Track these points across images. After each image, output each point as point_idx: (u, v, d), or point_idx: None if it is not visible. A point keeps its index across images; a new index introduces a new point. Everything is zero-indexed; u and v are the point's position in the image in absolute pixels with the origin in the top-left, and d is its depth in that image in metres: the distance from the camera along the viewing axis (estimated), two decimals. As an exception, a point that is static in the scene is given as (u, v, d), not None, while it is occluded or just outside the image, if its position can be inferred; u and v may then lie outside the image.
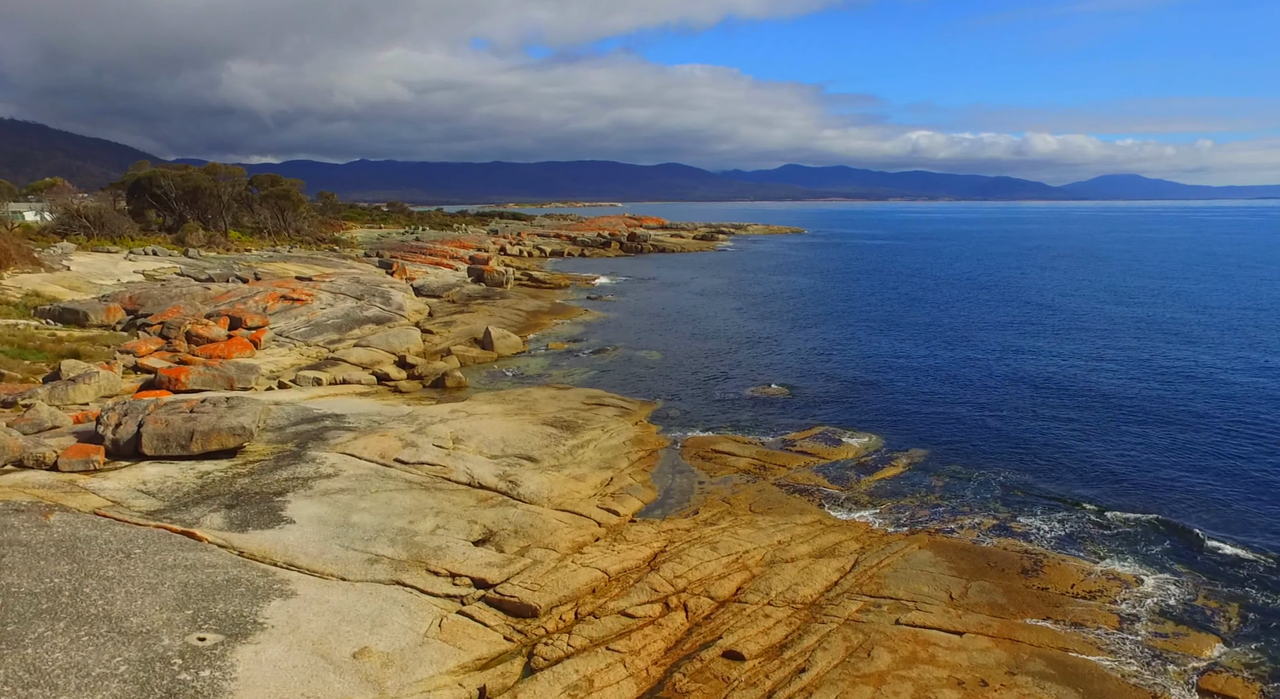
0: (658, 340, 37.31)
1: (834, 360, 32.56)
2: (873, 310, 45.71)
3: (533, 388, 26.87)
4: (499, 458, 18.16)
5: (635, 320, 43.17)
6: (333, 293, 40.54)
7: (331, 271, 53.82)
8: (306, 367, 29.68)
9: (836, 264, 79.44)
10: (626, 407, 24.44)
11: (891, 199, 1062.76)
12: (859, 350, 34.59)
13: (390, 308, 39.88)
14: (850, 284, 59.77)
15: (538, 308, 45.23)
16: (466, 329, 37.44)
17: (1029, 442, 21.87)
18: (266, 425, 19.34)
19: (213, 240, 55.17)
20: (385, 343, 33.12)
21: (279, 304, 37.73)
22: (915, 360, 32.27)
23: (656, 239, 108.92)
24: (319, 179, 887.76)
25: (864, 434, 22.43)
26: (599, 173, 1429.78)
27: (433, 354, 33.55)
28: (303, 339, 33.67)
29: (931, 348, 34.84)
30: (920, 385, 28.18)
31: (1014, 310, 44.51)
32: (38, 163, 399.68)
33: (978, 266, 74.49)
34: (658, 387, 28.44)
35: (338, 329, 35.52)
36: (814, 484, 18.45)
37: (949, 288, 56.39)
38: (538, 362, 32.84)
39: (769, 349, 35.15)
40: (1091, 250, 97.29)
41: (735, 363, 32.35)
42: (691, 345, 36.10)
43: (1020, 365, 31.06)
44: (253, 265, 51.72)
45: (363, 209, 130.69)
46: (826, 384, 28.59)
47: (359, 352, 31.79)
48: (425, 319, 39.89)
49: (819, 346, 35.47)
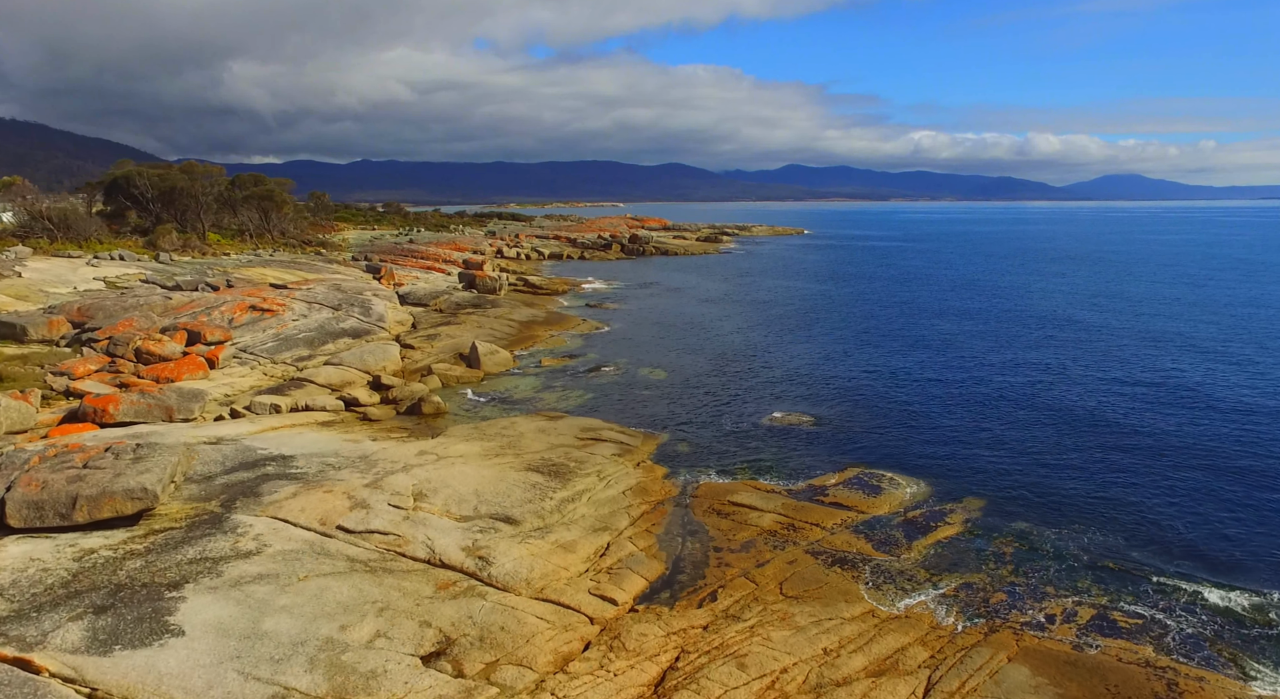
0: (662, 355, 33.92)
1: (859, 381, 29.13)
2: (894, 322, 42.25)
3: (520, 417, 23.46)
4: (470, 520, 14.77)
5: (637, 332, 39.78)
6: (307, 302, 37.16)
7: (314, 277, 50.51)
8: (267, 389, 26.30)
9: (847, 268, 76.01)
10: (627, 441, 21.05)
11: (893, 199, 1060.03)
12: (885, 368, 31.15)
13: (370, 319, 36.50)
14: (865, 290, 56.31)
15: (531, 317, 41.84)
16: (452, 343, 34.04)
17: (1104, 491, 18.45)
18: (191, 475, 15.96)
19: (188, 243, 51.80)
20: (359, 360, 29.74)
21: (246, 315, 34.36)
22: (950, 382, 28.82)
23: (659, 241, 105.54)
24: (321, 179, 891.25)
25: (906, 478, 19.03)
26: (601, 173, 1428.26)
27: (412, 373, 30.17)
28: (269, 355, 30.30)
29: (966, 367, 31.41)
30: (961, 414, 24.75)
31: (1050, 325, 40.78)
32: (38, 163, 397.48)
33: (996, 272, 71.02)
34: (663, 413, 25.05)
35: (309, 343, 32.15)
36: (856, 551, 15.04)
37: (972, 296, 52.91)
38: (528, 381, 29.45)
39: (785, 366, 31.73)
40: (1112, 255, 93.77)
41: (749, 383, 28.95)
42: (699, 361, 32.70)
43: (1071, 391, 27.60)
44: (228, 271, 48.39)
45: (357, 210, 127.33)
46: (854, 411, 25.17)
47: (329, 371, 28.42)
48: (408, 331, 36.50)
49: (841, 364, 32.04)
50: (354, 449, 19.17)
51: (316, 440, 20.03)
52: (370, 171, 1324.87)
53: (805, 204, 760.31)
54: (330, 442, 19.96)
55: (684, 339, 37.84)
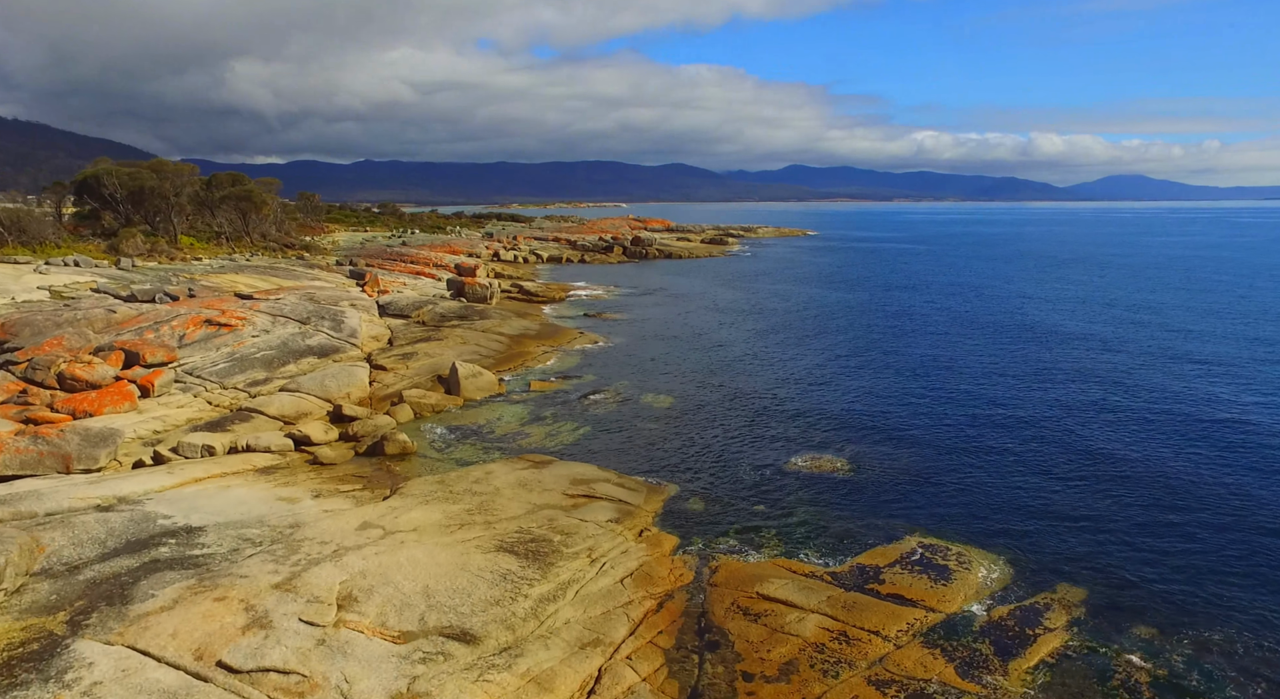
0: (667, 376, 30.02)
1: (897, 414, 25.18)
2: (924, 338, 38.23)
3: (498, 462, 19.53)
4: (412, 639, 10.86)
5: (639, 347, 35.86)
6: (272, 315, 33.28)
7: (289, 285, 46.66)
8: (205, 424, 22.43)
9: (861, 273, 72.00)
10: (627, 498, 17.16)
11: (896, 200, 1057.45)
12: (925, 398, 27.21)
13: (340, 334, 32.62)
14: (886, 300, 52.30)
15: (523, 330, 37.94)
16: (430, 363, 30.15)
17: (1235, 573, 14.54)
18: (48, 567, 12.10)
19: (155, 248, 47.94)
20: (320, 386, 25.86)
21: (200, 331, 30.49)
22: (1004, 419, 24.82)
23: (662, 243, 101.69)
24: (324, 179, 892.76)
25: (977, 553, 15.11)
26: (603, 173, 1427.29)
27: (381, 400, 26.29)
28: (219, 379, 26.44)
29: (1018, 400, 27.44)
30: (1025, 460, 20.81)
31: (1107, 349, 36.43)
32: (40, 163, 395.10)
33: (1020, 279, 66.99)
34: (670, 454, 21.16)
35: (267, 364, 28.28)
36: (936, 678, 11.14)
37: (1002, 309, 48.87)
38: (514, 411, 25.55)
39: (809, 391, 27.80)
40: (1131, 259, 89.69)
41: (768, 412, 25.02)
42: (711, 386, 28.79)
43: (1159, 436, 23.65)
44: (195, 278, 44.56)
45: (352, 211, 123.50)
46: (896, 453, 21.25)
47: (283, 399, 24.55)
48: (382, 349, 32.60)
49: (873, 390, 28.08)
50: (285, 514, 15.28)
51: (243, 500, 16.14)
52: (373, 172, 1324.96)
53: (808, 204, 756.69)
54: (260, 502, 16.08)
55: (691, 356, 33.93)
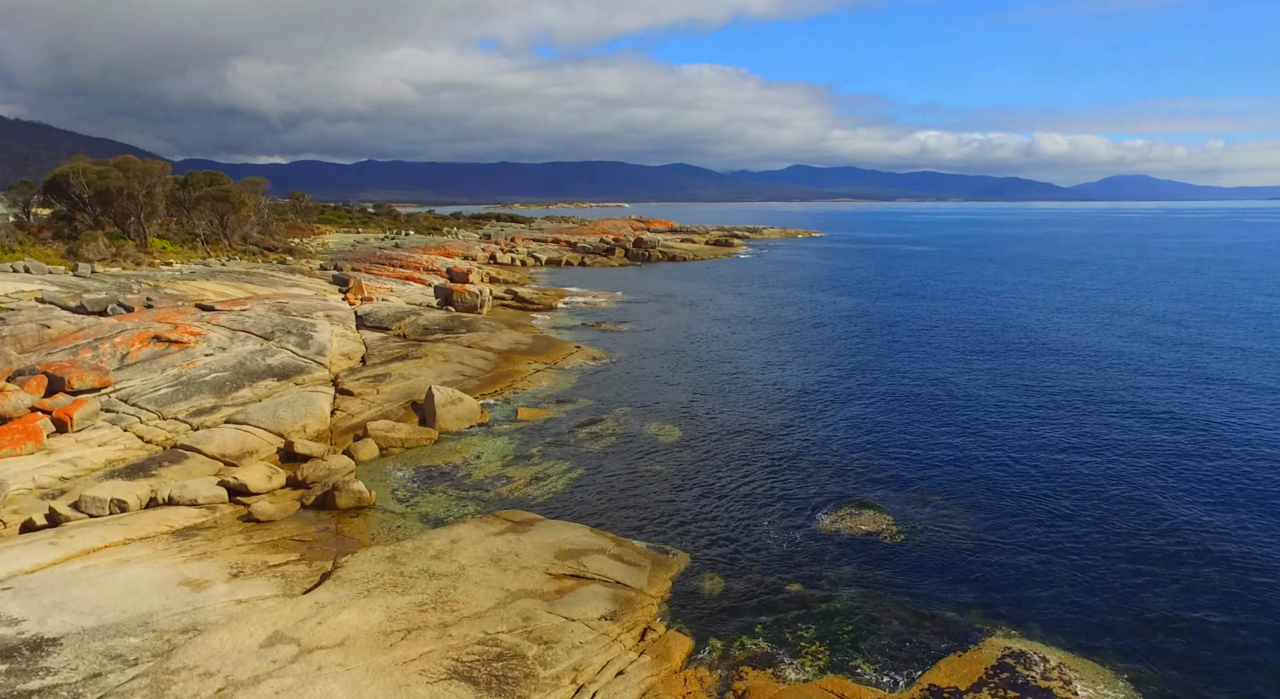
0: (674, 403, 26.44)
1: (944, 453, 21.57)
2: (965, 359, 34.54)
3: (468, 525, 15.92)
4: None
5: (642, 365, 32.28)
6: (232, 330, 29.76)
7: (265, 293, 43.14)
8: (125, 468, 18.87)
9: (878, 277, 68.32)
10: (627, 579, 13.60)
11: (900, 200, 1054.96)
12: (975, 432, 23.60)
13: (307, 352, 29.08)
14: (910, 310, 48.61)
15: (514, 344, 34.37)
16: (404, 386, 26.59)
17: None
18: None
19: (121, 252, 44.44)
20: (272, 417, 22.31)
21: (146, 349, 26.97)
22: (1084, 466, 21.15)
23: (666, 245, 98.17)
24: (327, 179, 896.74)
25: (1086, 666, 11.53)
26: (606, 173, 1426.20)
27: (344, 433, 22.76)
28: (157, 408, 22.88)
29: (1092, 436, 23.81)
30: (1119, 522, 17.22)
31: (1179, 376, 32.37)
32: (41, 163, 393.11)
33: (1047, 286, 63.30)
34: (679, 506, 17.60)
35: (218, 389, 24.73)
36: None
37: (1040, 321, 45.17)
38: (497, 447, 21.99)
39: (838, 425, 24.20)
40: (1164, 261, 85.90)
41: (792, 451, 21.43)
42: (722, 414, 25.20)
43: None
44: (160, 285, 41.03)
45: (346, 211, 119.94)
46: (949, 507, 17.67)
47: (226, 434, 21.01)
48: (353, 369, 29.04)
49: (913, 424, 24.44)
50: (182, 610, 11.76)
51: (134, 587, 12.60)
52: (375, 172, 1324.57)
53: (812, 204, 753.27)
54: (155, 589, 12.54)
55: (700, 376, 30.34)
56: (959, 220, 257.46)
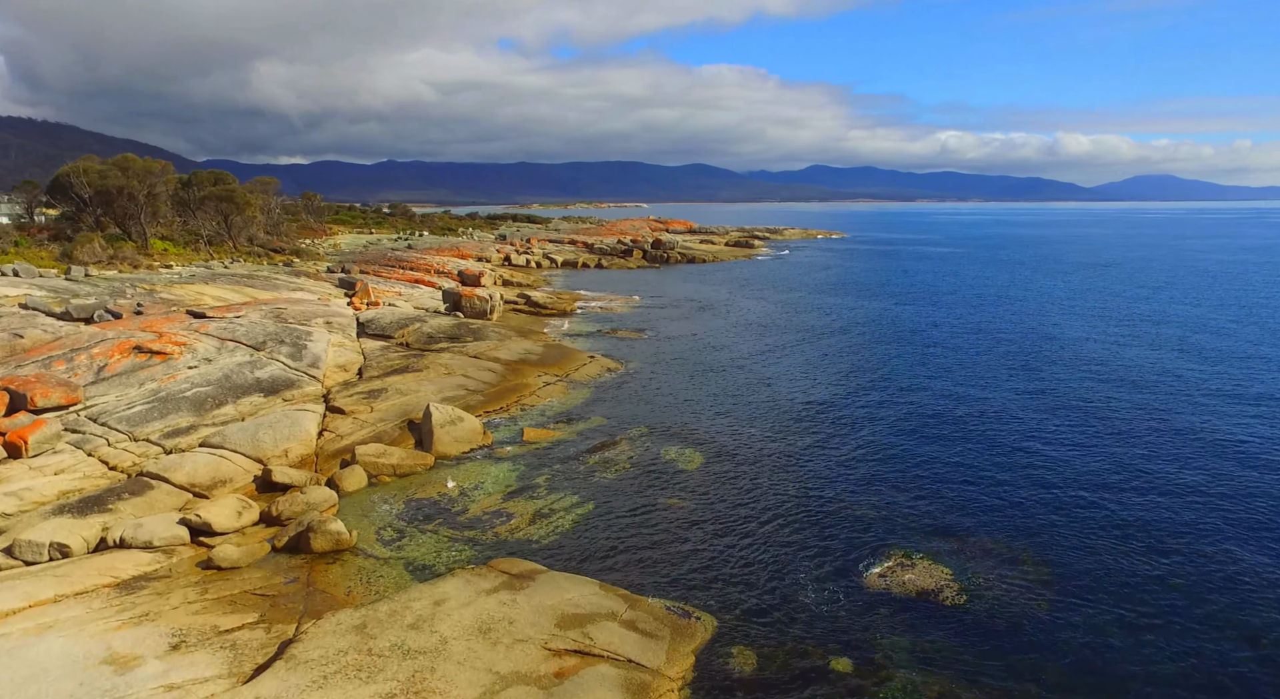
0: (696, 423, 24.13)
1: (995, 480, 19.15)
2: (1006, 372, 32.02)
3: (456, 578, 13.70)
4: None
5: (661, 379, 30.00)
6: (221, 339, 27.78)
7: (265, 297, 41.28)
8: (79, 501, 16.79)
9: (906, 280, 65.62)
10: (641, 657, 11.35)
11: (920, 200, 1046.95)
12: (1021, 452, 21.17)
13: (299, 364, 27.02)
14: (944, 315, 45.99)
15: (524, 354, 32.19)
16: (400, 403, 24.45)
17: None
18: None
19: (118, 255, 42.68)
20: (251, 440, 20.21)
21: (126, 360, 25.01)
22: (1153, 491, 18.77)
23: (684, 246, 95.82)
24: (347, 180, 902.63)
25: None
26: (624, 173, 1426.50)
27: (330, 457, 20.63)
28: (129, 428, 20.86)
29: (1154, 455, 21.35)
30: (1198, 560, 14.80)
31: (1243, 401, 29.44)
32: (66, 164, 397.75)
33: (1086, 290, 60.48)
34: (703, 554, 15.31)
35: (198, 406, 22.69)
36: None
37: (1089, 330, 42.54)
38: (499, 475, 19.79)
39: (876, 448, 21.80)
40: (1219, 264, 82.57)
41: (829, 485, 19.08)
42: (748, 437, 22.87)
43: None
44: (155, 289, 39.22)
45: (360, 212, 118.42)
46: (1013, 549, 15.29)
47: (199, 461, 18.92)
48: (348, 382, 26.92)
49: (958, 447, 22.02)
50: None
51: (41, 667, 10.49)
52: (395, 172, 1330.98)
53: (831, 205, 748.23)
54: (66, 675, 10.41)
55: (723, 392, 28.01)
56: (982, 221, 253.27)
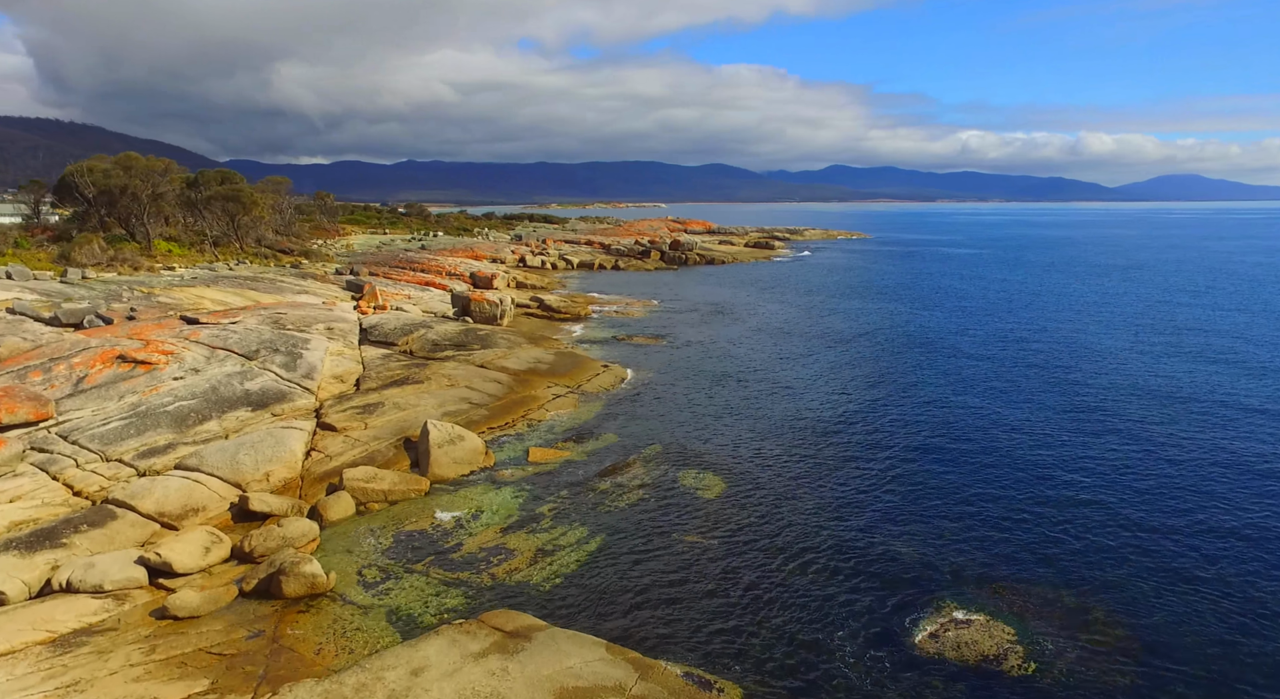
0: (715, 443, 22.21)
1: (1054, 518, 17.11)
2: (1054, 388, 29.87)
3: (440, 638, 11.86)
4: None
5: (679, 391, 28.12)
6: (212, 348, 26.17)
7: (269, 301, 39.79)
8: (30, 535, 15.11)
9: (935, 284, 63.30)
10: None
11: (940, 201, 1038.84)
12: (1080, 483, 19.11)
13: (293, 375, 25.34)
14: (980, 324, 43.76)
15: (534, 363, 30.41)
16: (397, 418, 22.71)
17: None
18: None
19: (118, 256, 41.30)
20: (230, 461, 18.50)
21: (109, 370, 23.46)
22: (1233, 535, 16.71)
23: (703, 248, 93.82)
24: (368, 180, 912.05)
25: None
26: (643, 173, 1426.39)
27: (317, 481, 18.89)
28: (102, 446, 19.22)
29: (1233, 491, 19.24)
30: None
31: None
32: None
33: (1132, 293, 58.03)
34: (725, 604, 13.42)
35: (179, 421, 21.03)
36: None
37: (1137, 341, 40.29)
38: (500, 502, 17.98)
39: (918, 476, 19.80)
40: (1256, 268, 79.71)
41: (866, 519, 17.11)
42: (775, 458, 20.93)
43: None
44: (153, 292, 37.78)
45: (375, 212, 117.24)
46: (1083, 602, 13.28)
47: (170, 486, 17.22)
48: (344, 394, 25.20)
49: (1009, 476, 19.97)
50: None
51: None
52: (415, 172, 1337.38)
53: (851, 205, 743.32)
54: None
55: (745, 406, 26.07)
56: (1005, 221, 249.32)
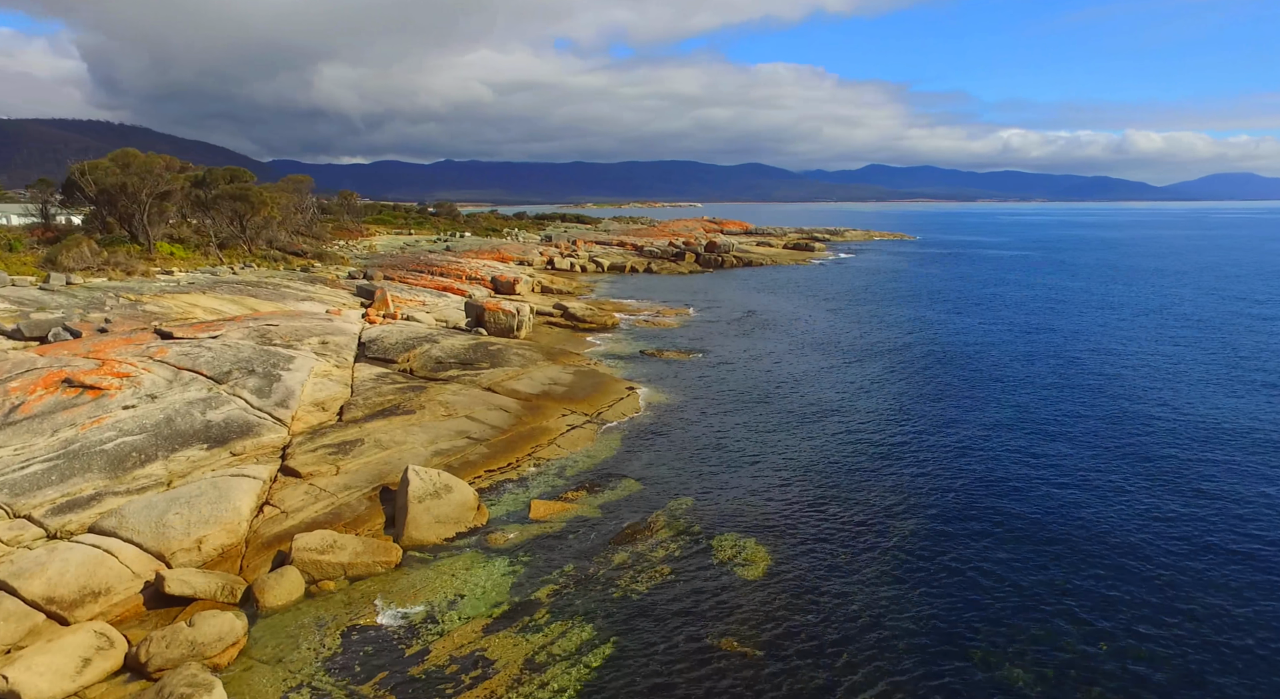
0: (759, 493, 18.22)
1: (1214, 618, 12.94)
2: (1151, 425, 25.50)
3: None
4: None
5: (712, 419, 24.17)
6: (178, 368, 22.77)
7: (267, 308, 36.60)
8: None
9: (993, 292, 58.44)
10: None
11: (980, 200, 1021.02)
12: (1235, 557, 14.87)
13: (265, 402, 21.82)
14: (1051, 341, 39.24)
15: (548, 385, 26.66)
16: (378, 460, 19.04)
17: None
18: None
19: (111, 259, 38.34)
20: (157, 522, 14.92)
21: (51, 397, 20.13)
22: None
23: (740, 249, 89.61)
24: (406, 180, 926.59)
25: None
26: (679, 173, 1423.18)
27: (264, 548, 15.24)
28: (8, 498, 15.83)
29: None
30: None
31: None
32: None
33: (1215, 299, 52.94)
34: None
35: (116, 464, 17.56)
36: None
37: (1240, 354, 35.51)
38: (487, 583, 14.20)
39: (1013, 551, 15.68)
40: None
41: (956, 614, 13.07)
42: (831, 517, 16.90)
43: None
44: (141, 299, 34.66)
45: (402, 212, 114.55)
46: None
47: (73, 556, 13.69)
48: (321, 426, 21.57)
49: (1123, 558, 15.80)
50: None
51: None
52: (452, 171, 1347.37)
53: (889, 204, 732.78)
54: None
55: (791, 441, 22.04)
56: (1049, 221, 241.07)
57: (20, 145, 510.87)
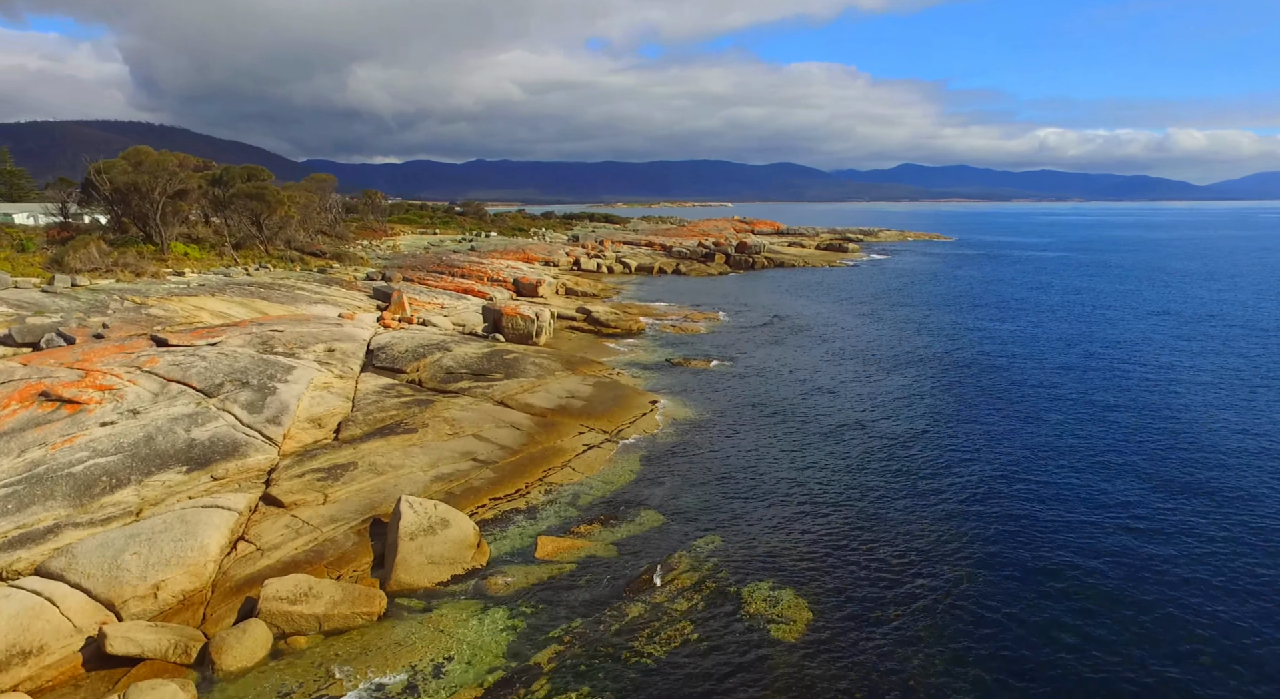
0: (795, 530, 16.14)
1: None
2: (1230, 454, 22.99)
3: None
4: None
5: (743, 439, 22.10)
6: (166, 379, 21.18)
7: (277, 312, 35.14)
8: None
9: (1040, 297, 55.61)
10: None
11: (1015, 200, 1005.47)
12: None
13: (256, 417, 20.12)
14: (1109, 353, 36.67)
15: (566, 398, 24.74)
16: (370, 487, 17.22)
17: None
18: None
19: (120, 261, 37.10)
20: (111, 564, 13.20)
21: (24, 411, 18.61)
22: None
23: (771, 250, 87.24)
24: (438, 179, 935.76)
25: None
26: (710, 172, 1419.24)
27: (233, 593, 13.44)
28: (-36, 528, 14.13)
29: None
30: None
31: None
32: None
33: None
34: None
35: (83, 490, 15.90)
36: None
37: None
38: (482, 640, 12.28)
39: (1099, 610, 13.50)
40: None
41: (1007, 666, 10.94)
42: (880, 558, 14.78)
43: None
44: (147, 302, 33.31)
45: (430, 212, 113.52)
46: None
47: (9, 607, 11.97)
48: (315, 445, 19.81)
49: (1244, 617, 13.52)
50: None
51: None
52: (484, 171, 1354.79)
53: (922, 204, 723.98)
54: None
55: (833, 464, 19.91)
56: (1095, 222, 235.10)
57: (65, 147, 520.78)
